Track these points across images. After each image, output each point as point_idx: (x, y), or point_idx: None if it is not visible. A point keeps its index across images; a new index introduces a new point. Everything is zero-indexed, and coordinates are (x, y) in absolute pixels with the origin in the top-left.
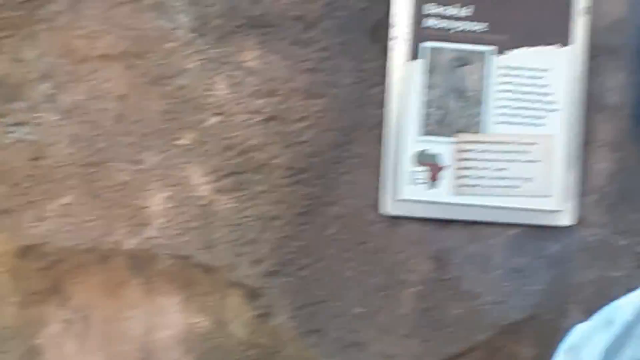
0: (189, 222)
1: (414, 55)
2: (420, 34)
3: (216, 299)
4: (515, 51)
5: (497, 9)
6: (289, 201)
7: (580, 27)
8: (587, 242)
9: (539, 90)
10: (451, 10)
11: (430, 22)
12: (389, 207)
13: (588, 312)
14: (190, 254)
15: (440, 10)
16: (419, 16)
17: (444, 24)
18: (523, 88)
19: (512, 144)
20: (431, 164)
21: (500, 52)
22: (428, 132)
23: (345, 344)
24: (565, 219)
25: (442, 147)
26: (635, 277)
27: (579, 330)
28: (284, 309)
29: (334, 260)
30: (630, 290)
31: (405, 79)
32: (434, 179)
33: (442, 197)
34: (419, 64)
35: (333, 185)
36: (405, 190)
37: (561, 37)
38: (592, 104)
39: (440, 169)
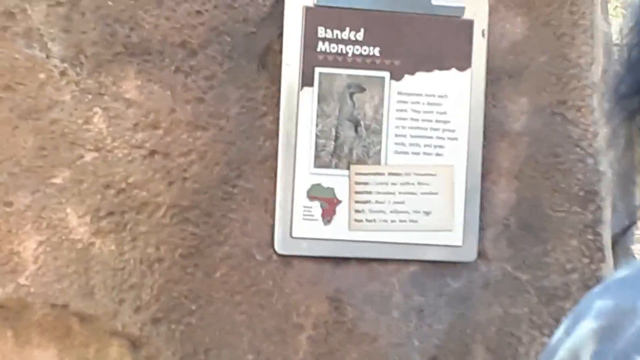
0: (65, 267)
1: (306, 82)
2: (313, 59)
3: (95, 351)
4: (412, 76)
5: (388, 33)
6: (173, 242)
7: (478, 50)
8: (489, 277)
9: (437, 118)
10: (343, 34)
11: (324, 47)
12: (282, 245)
13: (492, 352)
14: (66, 302)
15: (332, 34)
16: (311, 40)
17: (337, 48)
18: (421, 115)
19: (410, 175)
20: (326, 199)
21: (397, 77)
22: (322, 165)
23: None
24: (467, 255)
25: (337, 181)
26: (538, 313)
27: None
28: (170, 359)
29: (224, 304)
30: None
31: (297, 108)
32: (329, 214)
33: (338, 233)
34: (311, 92)
35: (221, 223)
36: (299, 228)
37: (459, 60)
38: (493, 131)
39: (335, 203)
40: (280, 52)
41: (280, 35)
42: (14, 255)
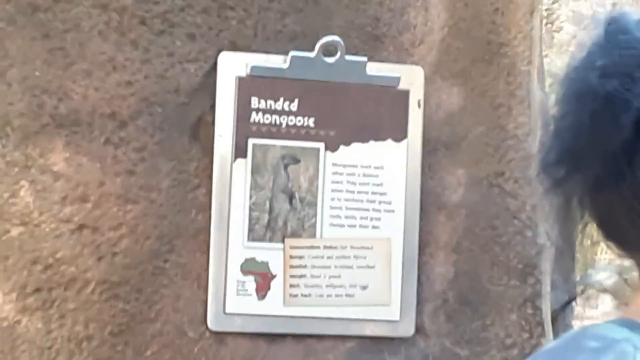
0: None
1: (239, 153)
2: (246, 130)
3: None
4: (347, 147)
5: (322, 103)
6: (103, 319)
7: (414, 120)
8: (427, 353)
9: (374, 190)
10: (277, 105)
11: (257, 117)
12: (215, 322)
13: None
14: None
15: (266, 104)
16: (245, 111)
17: (271, 119)
18: (357, 187)
19: (346, 248)
20: (260, 273)
21: (332, 148)
22: (256, 238)
23: None
24: (404, 330)
25: (271, 254)
26: None
27: None
28: None
29: None
30: None
31: (230, 180)
32: (263, 289)
33: (273, 309)
34: (244, 163)
35: (153, 299)
36: (233, 303)
37: (395, 131)
38: (429, 203)
39: (270, 278)
40: (213, 123)
41: (213, 105)
42: None
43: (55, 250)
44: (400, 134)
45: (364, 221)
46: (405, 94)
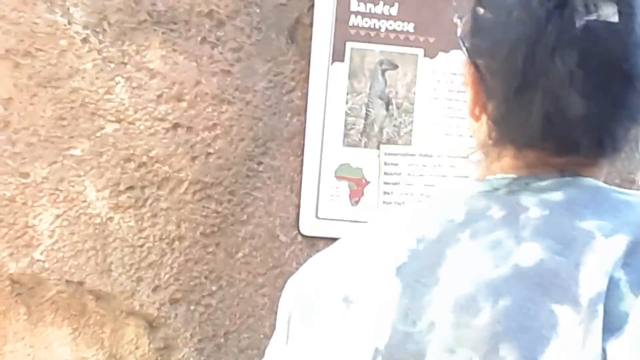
0: (82, 242)
1: (337, 57)
2: (345, 33)
3: (111, 331)
4: (446, 54)
5: (421, 8)
6: (195, 219)
7: None
8: None
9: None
10: (377, 9)
11: (356, 21)
12: (308, 226)
13: None
14: (82, 279)
15: (366, 7)
16: (343, 14)
17: (370, 23)
18: (455, 95)
19: (442, 157)
20: (354, 179)
21: (430, 55)
22: (352, 144)
23: None
24: None
25: (366, 160)
26: None
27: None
28: (188, 341)
29: (245, 285)
30: None
31: (327, 84)
32: (357, 195)
33: (366, 215)
34: (342, 67)
35: (245, 202)
36: (326, 208)
37: None
38: None
39: (364, 184)
40: (311, 25)
41: (311, 7)
42: (29, 228)
43: (149, 148)
44: None
45: (461, 130)
46: None
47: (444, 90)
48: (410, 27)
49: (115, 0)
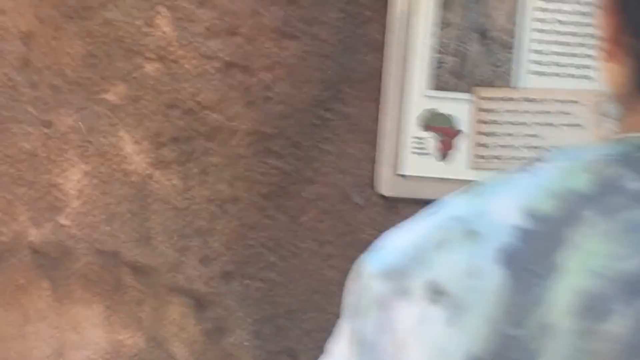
0: (116, 205)
1: None
2: None
3: (151, 309)
4: None
5: None
6: (251, 177)
7: None
8: None
9: (586, 31)
10: None
11: None
12: (387, 185)
13: None
14: (116, 248)
15: None
16: None
17: None
18: (565, 27)
19: (548, 102)
20: (443, 129)
21: None
22: (440, 86)
23: None
24: None
25: (457, 106)
26: None
27: (400, 244)
28: (243, 322)
29: (311, 256)
30: None
31: (411, 14)
32: (446, 148)
33: (456, 172)
34: None
35: (312, 156)
36: (409, 163)
37: None
38: None
39: (454, 134)
40: None
41: None
42: (52, 187)
43: (197, 92)
44: None
45: (572, 69)
46: None
47: (550, 20)
48: None
49: None
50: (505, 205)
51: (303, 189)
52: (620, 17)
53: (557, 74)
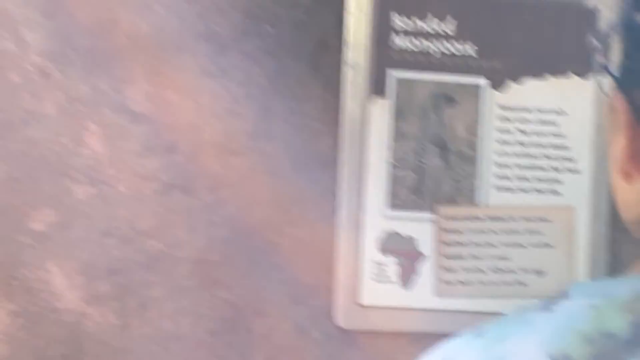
0: (46, 348)
1: (377, 90)
2: (385, 58)
3: None
4: (517, 85)
5: (486, 24)
6: (199, 312)
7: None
8: None
9: (553, 142)
10: (426, 25)
11: (400, 42)
12: (346, 316)
13: None
14: None
15: (412, 24)
16: (383, 32)
17: (419, 44)
18: (531, 138)
19: (516, 220)
20: (403, 252)
21: (497, 86)
22: (398, 205)
23: None
24: None
25: (418, 226)
26: None
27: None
28: None
29: None
30: None
31: (363, 125)
32: (408, 273)
33: (421, 300)
34: (383, 104)
35: (262, 286)
36: (369, 293)
37: (580, 63)
38: None
39: (416, 257)
40: (340, 48)
41: (340, 24)
42: None
43: (133, 217)
44: (585, 67)
45: (540, 184)
46: (593, 14)
47: (514, 131)
48: (470, 49)
49: (83, 19)
50: (530, 352)
51: (254, 323)
52: (638, 133)
53: (522, 190)
